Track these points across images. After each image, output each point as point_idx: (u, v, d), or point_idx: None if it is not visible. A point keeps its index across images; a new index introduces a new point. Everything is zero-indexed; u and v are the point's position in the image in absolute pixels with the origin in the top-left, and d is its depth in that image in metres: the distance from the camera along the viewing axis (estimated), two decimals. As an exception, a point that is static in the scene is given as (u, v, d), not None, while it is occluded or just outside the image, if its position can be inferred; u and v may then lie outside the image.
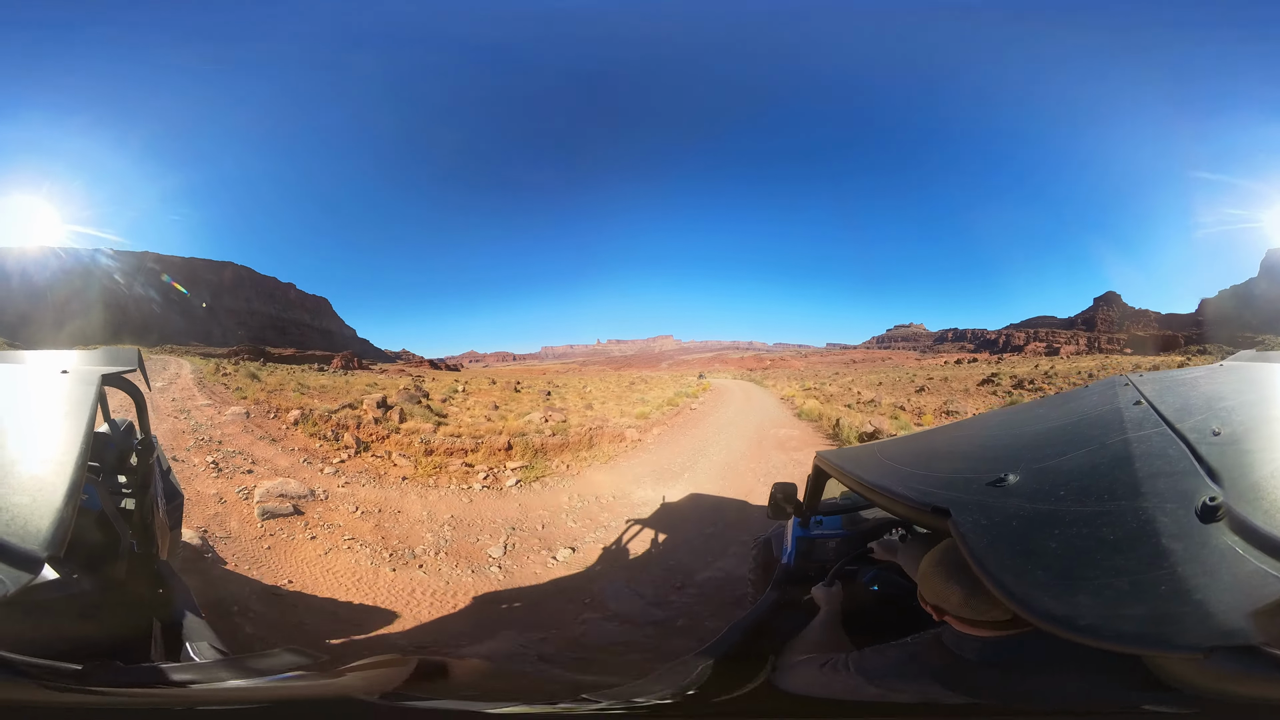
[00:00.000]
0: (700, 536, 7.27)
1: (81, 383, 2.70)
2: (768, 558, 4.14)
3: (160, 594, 2.81)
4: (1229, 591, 1.05)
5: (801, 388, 25.74)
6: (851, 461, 2.52)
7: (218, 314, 28.67)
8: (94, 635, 2.36)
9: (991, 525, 1.41)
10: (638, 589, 6.07)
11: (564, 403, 19.56)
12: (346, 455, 10.33)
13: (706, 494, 9.15)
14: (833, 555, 3.18)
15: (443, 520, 7.97)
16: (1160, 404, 1.76)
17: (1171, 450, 1.47)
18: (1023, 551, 1.29)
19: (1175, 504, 1.26)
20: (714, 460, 11.53)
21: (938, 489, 1.72)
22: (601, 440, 12.99)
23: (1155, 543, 1.18)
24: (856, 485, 2.23)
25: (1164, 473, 1.38)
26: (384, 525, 7.50)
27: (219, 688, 1.78)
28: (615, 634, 5.26)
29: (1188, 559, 1.12)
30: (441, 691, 2.09)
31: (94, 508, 2.92)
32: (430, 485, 9.53)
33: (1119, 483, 1.39)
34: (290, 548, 6.51)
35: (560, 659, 4.82)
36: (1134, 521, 1.25)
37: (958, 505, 1.51)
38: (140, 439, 3.62)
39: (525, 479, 10.38)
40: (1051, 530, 1.31)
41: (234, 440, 10.37)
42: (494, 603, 5.90)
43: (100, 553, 2.82)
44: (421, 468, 10.23)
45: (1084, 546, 1.24)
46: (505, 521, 8.03)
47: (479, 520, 8.08)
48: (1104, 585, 1.14)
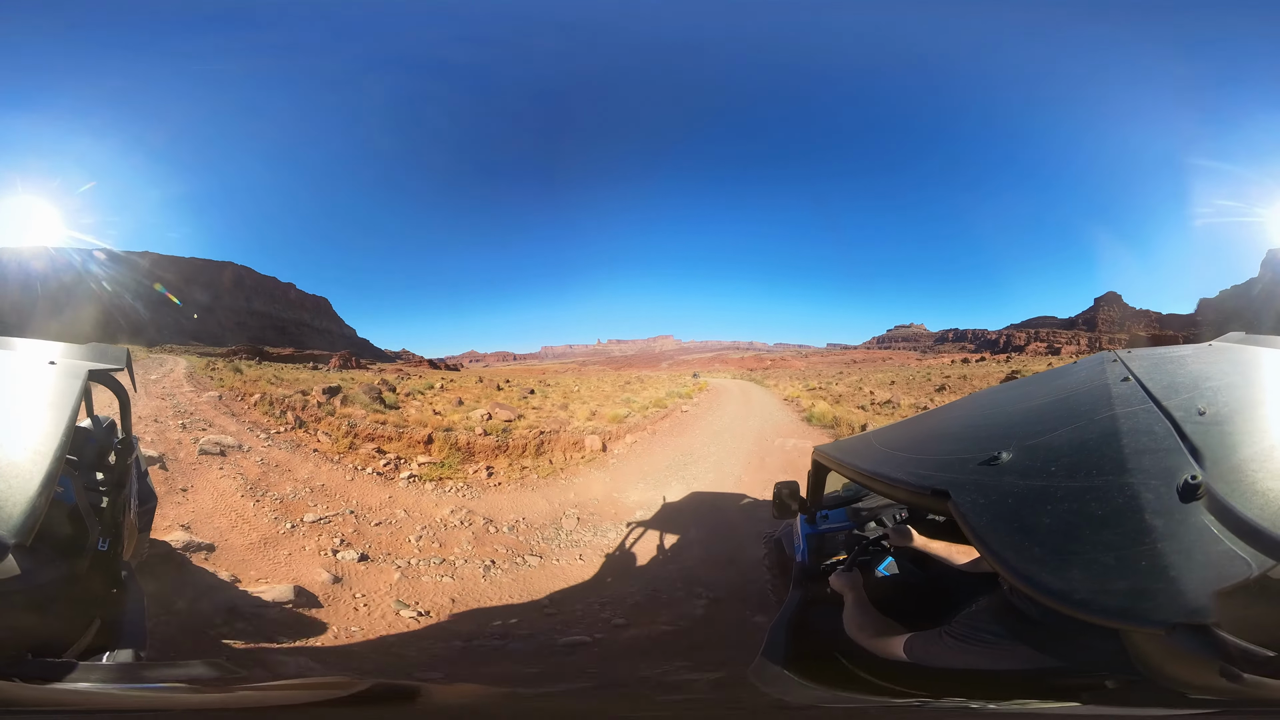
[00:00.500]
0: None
1: (67, 376, 2.68)
2: (781, 556, 4.19)
3: (114, 594, 2.79)
4: (1200, 570, 1.08)
5: (805, 387, 24.13)
6: (849, 453, 2.54)
7: (217, 314, 28.75)
8: (32, 627, 2.32)
9: (989, 504, 1.43)
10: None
11: (541, 401, 17.67)
12: (283, 429, 11.81)
13: (680, 546, 6.91)
14: (843, 548, 3.24)
15: (313, 485, 9.06)
16: (1148, 381, 1.77)
17: (1157, 427, 1.48)
18: (1020, 528, 1.31)
19: (1159, 481, 1.27)
20: (695, 481, 9.41)
21: (935, 471, 1.74)
22: (553, 448, 11.28)
23: (1139, 519, 1.19)
24: (856, 475, 2.25)
25: (1149, 449, 1.40)
26: (269, 475, 9.17)
27: (74, 689, 1.65)
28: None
29: (1167, 536, 1.14)
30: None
31: (67, 501, 2.90)
32: (334, 460, 10.40)
33: (1106, 459, 1.41)
34: (205, 472, 8.92)
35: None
36: (1120, 497, 1.27)
37: (955, 486, 1.53)
38: (121, 438, 3.60)
39: (425, 476, 9.83)
40: (1044, 506, 1.34)
41: (202, 413, 12.35)
42: (263, 544, 6.98)
43: (66, 546, 2.80)
44: (336, 445, 11.03)
45: (1074, 522, 1.28)
46: (355, 504, 8.61)
47: (340, 494, 8.91)
48: (1093, 560, 1.17)
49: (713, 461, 10.62)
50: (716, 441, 12.45)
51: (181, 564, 5.95)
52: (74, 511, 2.89)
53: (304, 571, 6.40)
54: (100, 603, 2.69)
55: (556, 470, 10.65)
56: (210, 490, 8.25)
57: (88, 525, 2.88)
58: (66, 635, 2.37)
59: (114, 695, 1.75)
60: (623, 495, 9.22)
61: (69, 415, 2.15)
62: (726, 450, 11.45)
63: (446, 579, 6.62)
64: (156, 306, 25.44)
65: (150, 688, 1.88)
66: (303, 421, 12.12)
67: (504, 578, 6.76)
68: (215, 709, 1.80)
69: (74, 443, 2.76)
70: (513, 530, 8.12)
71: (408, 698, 2.07)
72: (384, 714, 1.90)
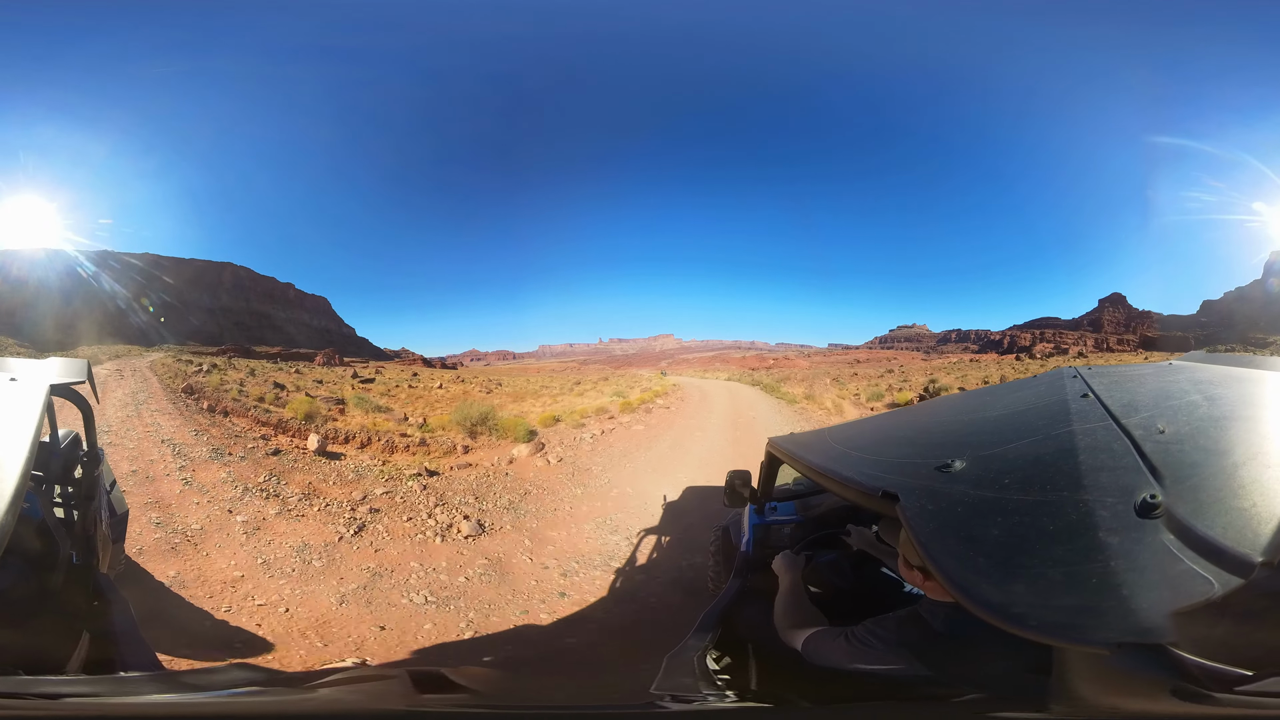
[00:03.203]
0: None
1: (29, 391, 2.69)
2: (727, 545, 4.25)
3: (95, 606, 2.79)
4: (1155, 589, 1.04)
5: (841, 392, 18.97)
6: (803, 447, 2.52)
7: (217, 314, 28.92)
8: (10, 641, 2.31)
9: (938, 511, 1.41)
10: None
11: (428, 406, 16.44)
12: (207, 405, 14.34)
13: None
14: (788, 541, 3.26)
15: (178, 444, 10.26)
16: (1107, 398, 1.77)
17: (1116, 445, 1.45)
18: (966, 538, 1.29)
19: (1115, 499, 1.25)
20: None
21: (888, 474, 1.72)
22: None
23: (1093, 536, 1.16)
24: (808, 470, 2.24)
25: (1107, 467, 1.37)
26: (158, 431, 11.06)
27: (142, 701, 1.69)
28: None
29: (1121, 554, 1.11)
30: (467, 704, 1.98)
31: (35, 516, 2.91)
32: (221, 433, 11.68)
33: (1062, 474, 1.39)
34: (138, 421, 11.71)
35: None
36: (1074, 513, 1.24)
37: (906, 490, 1.52)
38: (86, 451, 3.62)
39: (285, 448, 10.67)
40: (994, 518, 1.31)
41: (148, 390, 16.14)
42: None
43: (37, 562, 2.81)
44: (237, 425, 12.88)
45: (1025, 535, 1.25)
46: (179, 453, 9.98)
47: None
48: (1039, 575, 1.14)
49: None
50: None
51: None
52: (42, 526, 2.90)
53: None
54: (83, 617, 2.69)
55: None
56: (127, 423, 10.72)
57: (57, 540, 2.89)
58: (56, 650, 2.39)
59: (173, 705, 1.73)
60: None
61: (33, 431, 2.17)
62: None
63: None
64: (158, 308, 25.58)
65: (216, 695, 1.87)
66: (224, 411, 13.81)
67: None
68: (293, 713, 1.80)
69: (39, 458, 2.77)
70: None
71: (441, 685, 2.11)
72: (455, 701, 1.94)
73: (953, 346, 43.14)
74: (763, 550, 3.26)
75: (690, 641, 2.59)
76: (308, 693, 2.06)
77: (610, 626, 4.86)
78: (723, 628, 2.74)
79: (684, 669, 2.34)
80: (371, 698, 2.03)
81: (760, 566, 3.08)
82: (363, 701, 1.99)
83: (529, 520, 7.48)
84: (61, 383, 3.09)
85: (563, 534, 7.02)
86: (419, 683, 2.02)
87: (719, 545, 4.46)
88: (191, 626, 4.66)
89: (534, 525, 7.30)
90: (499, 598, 5.40)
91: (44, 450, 3.47)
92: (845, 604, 2.56)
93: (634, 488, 8.69)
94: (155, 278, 25.76)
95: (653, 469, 9.87)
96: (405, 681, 2.07)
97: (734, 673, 2.53)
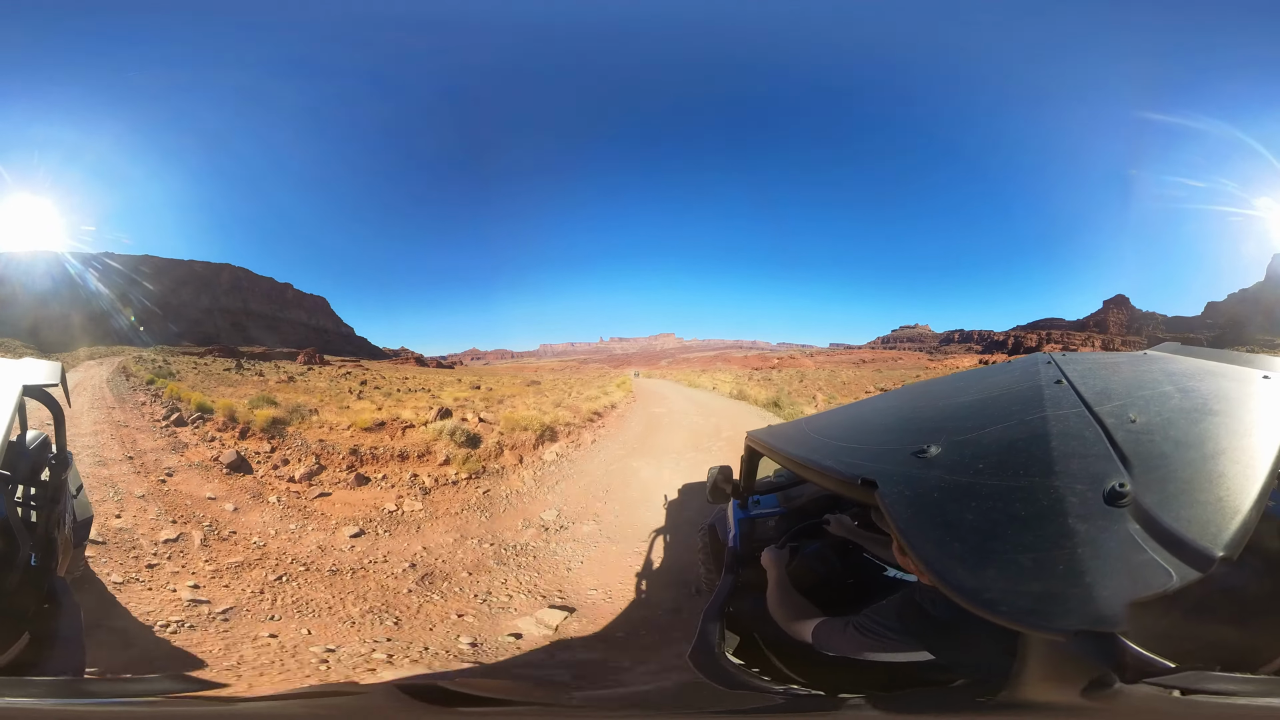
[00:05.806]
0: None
1: (1, 392, 2.70)
2: (715, 542, 4.26)
3: (46, 609, 2.77)
4: (1116, 578, 1.05)
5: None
6: (782, 439, 2.53)
7: (214, 314, 29.14)
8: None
9: (915, 496, 1.43)
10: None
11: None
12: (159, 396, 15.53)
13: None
14: (774, 533, 3.28)
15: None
16: (1081, 386, 1.78)
17: (1088, 432, 1.47)
18: (943, 523, 1.31)
19: (1085, 486, 1.24)
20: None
21: (865, 461, 1.74)
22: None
23: (1062, 522, 1.17)
24: (787, 462, 2.26)
25: (1078, 454, 1.36)
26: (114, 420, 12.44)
27: (67, 705, 1.66)
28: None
29: (1087, 542, 1.12)
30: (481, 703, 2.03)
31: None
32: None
33: (1034, 460, 1.40)
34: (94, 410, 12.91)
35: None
36: (1044, 499, 1.25)
37: (884, 477, 1.53)
38: (55, 454, 3.57)
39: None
40: (969, 503, 1.33)
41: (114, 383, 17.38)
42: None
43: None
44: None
45: (998, 520, 1.26)
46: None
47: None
48: (1010, 561, 1.15)
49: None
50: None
51: None
52: (4, 526, 2.91)
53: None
54: (30, 619, 2.70)
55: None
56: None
57: (18, 540, 2.90)
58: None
59: (58, 711, 1.71)
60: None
61: (2, 431, 2.20)
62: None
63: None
64: (154, 308, 25.76)
65: (108, 703, 1.85)
66: (188, 416, 13.99)
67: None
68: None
69: (7, 458, 2.81)
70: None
71: (443, 697, 2.10)
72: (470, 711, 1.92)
73: (955, 347, 42.93)
74: (750, 544, 3.28)
75: (701, 640, 2.59)
76: (224, 705, 1.98)
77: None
78: (724, 623, 2.77)
79: (714, 666, 2.35)
80: (337, 712, 1.98)
81: (750, 560, 3.10)
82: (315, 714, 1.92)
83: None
84: (34, 384, 3.13)
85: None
86: (413, 693, 1.98)
87: (707, 543, 4.43)
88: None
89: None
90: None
91: (13, 450, 3.50)
92: (833, 592, 2.61)
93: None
94: (151, 278, 25.92)
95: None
96: (392, 694, 2.03)
97: (755, 665, 2.51)
